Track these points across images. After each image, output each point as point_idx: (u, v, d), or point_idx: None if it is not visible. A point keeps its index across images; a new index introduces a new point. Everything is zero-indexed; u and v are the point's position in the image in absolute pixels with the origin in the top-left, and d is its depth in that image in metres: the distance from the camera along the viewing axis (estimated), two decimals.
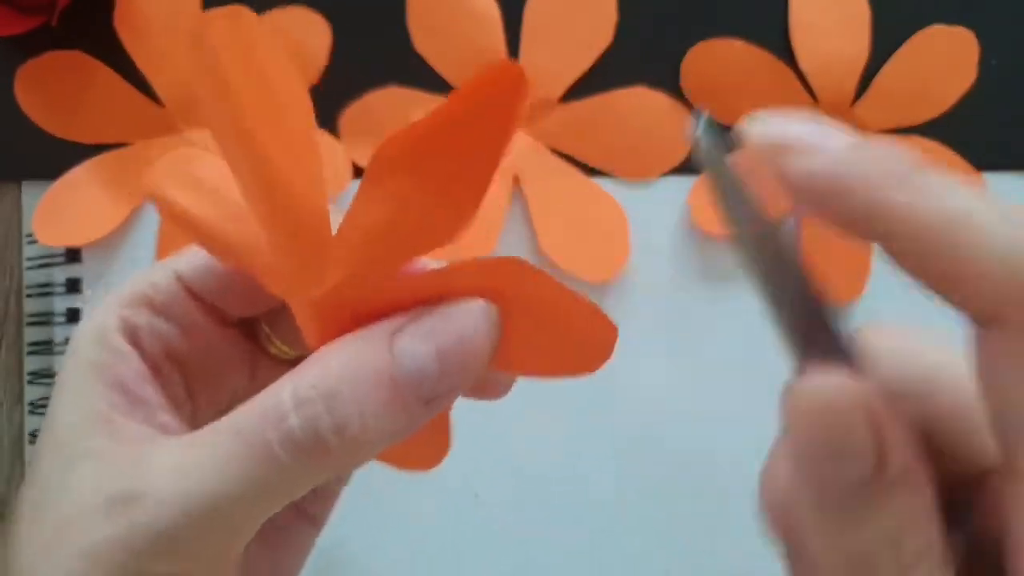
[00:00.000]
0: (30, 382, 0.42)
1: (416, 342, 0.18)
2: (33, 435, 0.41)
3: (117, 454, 0.20)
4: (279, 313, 0.25)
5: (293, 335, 0.24)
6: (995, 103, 0.42)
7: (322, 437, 0.18)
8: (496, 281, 0.19)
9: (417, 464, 0.23)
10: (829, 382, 0.16)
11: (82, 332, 0.22)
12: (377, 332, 0.19)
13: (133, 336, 0.22)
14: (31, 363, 0.42)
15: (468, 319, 0.19)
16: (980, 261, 0.16)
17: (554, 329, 0.19)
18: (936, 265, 0.16)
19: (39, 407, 0.41)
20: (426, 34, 0.42)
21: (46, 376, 0.41)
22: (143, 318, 0.22)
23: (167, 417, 0.22)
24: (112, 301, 0.23)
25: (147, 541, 0.18)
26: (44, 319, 0.42)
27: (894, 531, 0.15)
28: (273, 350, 0.25)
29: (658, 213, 0.42)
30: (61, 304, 0.41)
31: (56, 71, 0.41)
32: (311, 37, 0.41)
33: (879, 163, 0.16)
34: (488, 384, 0.23)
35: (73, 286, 0.42)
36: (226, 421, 0.19)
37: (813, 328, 0.17)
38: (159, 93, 0.41)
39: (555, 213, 0.42)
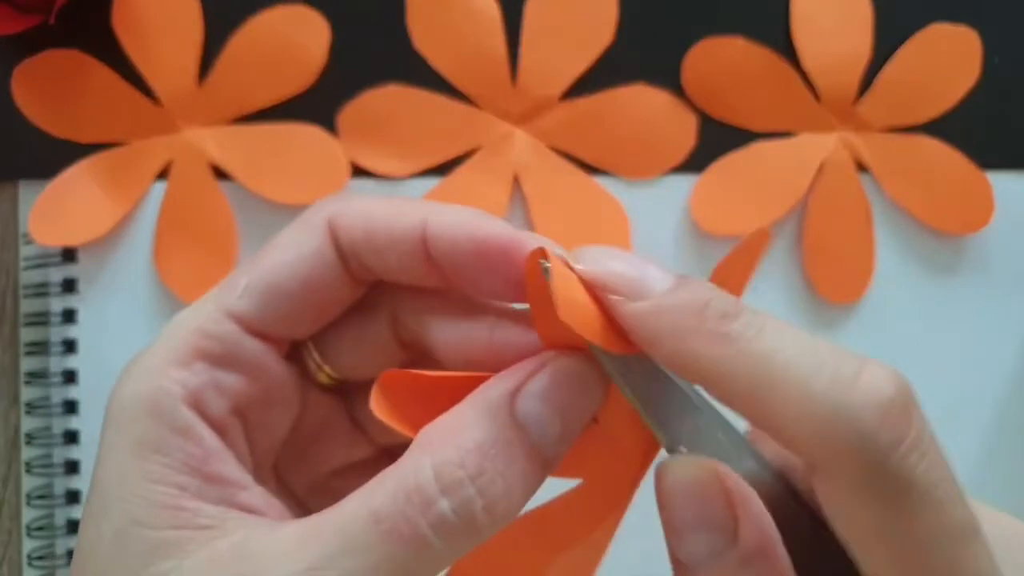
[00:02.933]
0: (26, 383, 0.41)
1: (538, 404, 0.19)
2: (29, 436, 0.41)
3: (211, 550, 0.18)
4: (324, 335, 0.23)
5: (341, 358, 0.23)
6: (998, 102, 0.42)
7: (474, 517, 0.18)
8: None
9: None
10: (692, 461, 0.18)
11: (126, 403, 0.20)
12: (495, 396, 0.19)
13: (196, 402, 0.20)
14: (27, 364, 0.41)
15: (584, 375, 0.19)
16: (788, 418, 0.17)
17: None
18: (751, 416, 0.17)
19: (35, 408, 0.41)
20: (425, 32, 0.41)
21: (42, 376, 0.41)
22: (203, 376, 0.20)
23: (246, 495, 0.20)
24: (159, 362, 0.20)
25: None
26: (40, 319, 0.41)
27: None
28: (323, 378, 0.24)
29: (659, 212, 0.42)
30: (57, 304, 0.41)
31: (53, 70, 0.41)
32: (310, 35, 0.41)
33: (686, 310, 0.17)
34: None
35: (69, 286, 0.41)
36: (358, 507, 0.18)
37: (685, 421, 0.20)
38: (157, 92, 0.41)
39: (555, 212, 0.41)
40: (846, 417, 0.16)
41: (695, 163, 0.42)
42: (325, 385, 0.24)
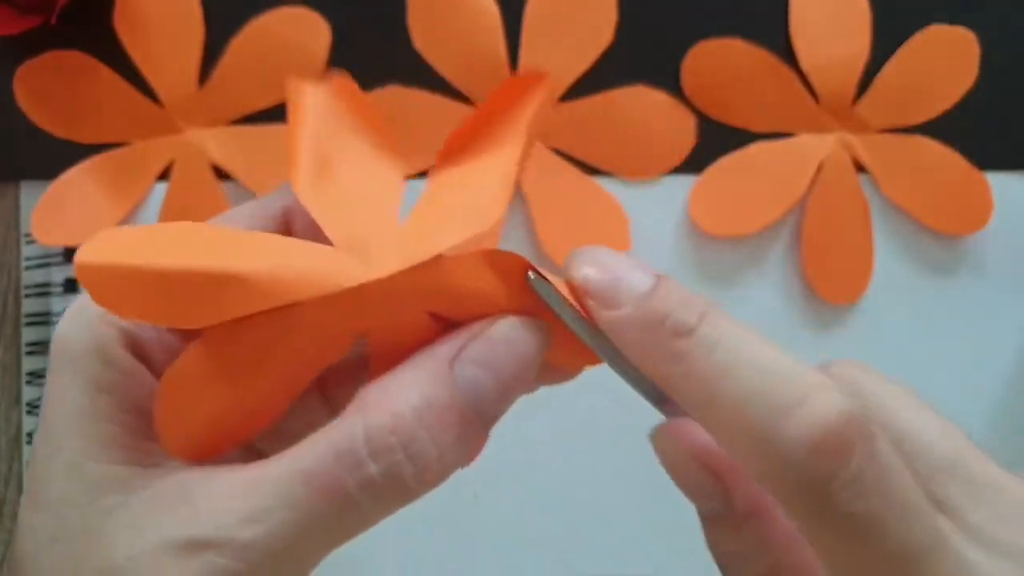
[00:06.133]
0: (28, 382, 0.42)
1: (477, 370, 0.19)
2: (31, 436, 0.41)
3: (156, 489, 0.19)
4: None
5: None
6: (996, 102, 0.42)
7: (403, 480, 0.18)
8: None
9: None
10: (669, 436, 0.20)
11: (75, 346, 0.20)
12: (436, 361, 0.19)
13: (139, 351, 0.21)
14: (29, 363, 0.42)
15: (522, 339, 0.19)
16: (728, 439, 0.18)
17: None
18: (702, 423, 0.18)
19: (37, 407, 0.41)
20: (426, 34, 0.42)
21: (44, 376, 0.41)
22: (147, 330, 0.21)
23: None
24: (103, 310, 0.21)
25: None
26: (42, 319, 0.41)
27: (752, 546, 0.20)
28: None
29: (658, 212, 0.42)
30: (59, 304, 0.41)
31: (55, 71, 0.41)
32: (311, 37, 0.41)
33: (647, 323, 0.18)
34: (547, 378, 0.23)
35: (71, 286, 0.41)
36: (292, 463, 0.18)
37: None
38: (158, 93, 0.41)
39: (555, 213, 0.41)
40: (776, 450, 0.16)
41: (694, 164, 0.42)
42: None
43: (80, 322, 0.20)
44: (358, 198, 0.20)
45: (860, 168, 0.42)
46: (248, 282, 0.18)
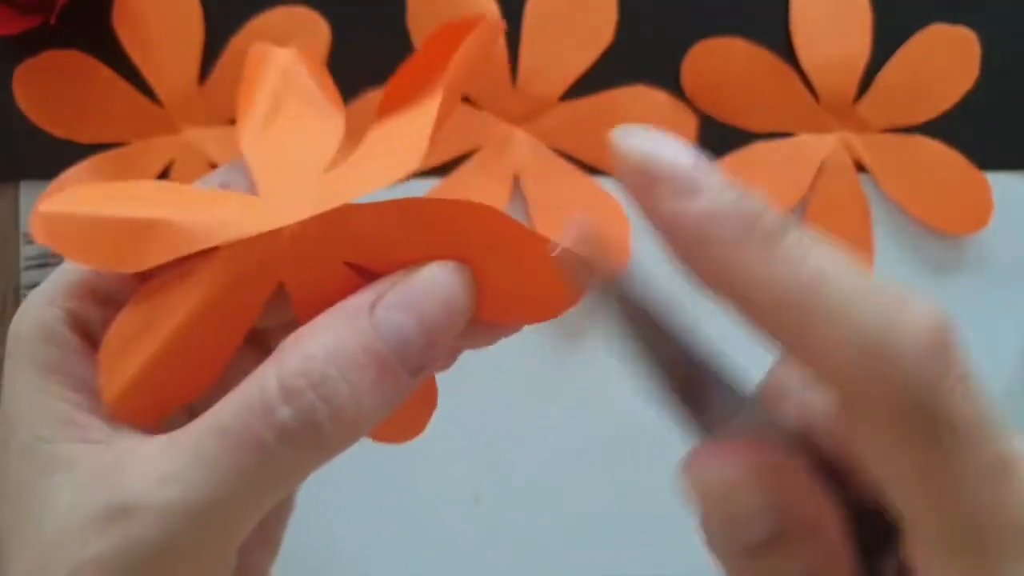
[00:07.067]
0: None
1: (397, 313, 0.18)
2: None
3: (94, 462, 0.19)
4: None
5: None
6: (997, 102, 0.42)
7: (318, 425, 0.18)
8: (462, 226, 0.19)
9: (403, 434, 0.23)
10: (713, 464, 0.18)
11: (23, 330, 0.20)
12: (355, 306, 0.18)
13: (84, 331, 0.21)
14: None
15: (446, 283, 0.19)
16: (829, 345, 0.16)
17: (523, 273, 0.20)
18: (788, 340, 0.16)
19: None
20: (426, 32, 0.41)
21: None
22: (92, 312, 0.21)
23: None
24: (51, 292, 0.21)
25: (145, 553, 0.18)
26: None
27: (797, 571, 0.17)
28: None
29: None
30: None
31: (55, 70, 0.41)
32: (310, 37, 0.41)
33: (740, 220, 0.16)
34: (474, 337, 0.22)
35: None
36: (207, 420, 0.18)
37: (703, 394, 0.19)
38: (158, 93, 0.41)
39: (555, 212, 0.41)
40: (890, 349, 0.15)
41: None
42: None
43: (28, 310, 0.21)
44: (291, 151, 0.21)
45: (861, 168, 0.42)
46: (172, 227, 0.19)
